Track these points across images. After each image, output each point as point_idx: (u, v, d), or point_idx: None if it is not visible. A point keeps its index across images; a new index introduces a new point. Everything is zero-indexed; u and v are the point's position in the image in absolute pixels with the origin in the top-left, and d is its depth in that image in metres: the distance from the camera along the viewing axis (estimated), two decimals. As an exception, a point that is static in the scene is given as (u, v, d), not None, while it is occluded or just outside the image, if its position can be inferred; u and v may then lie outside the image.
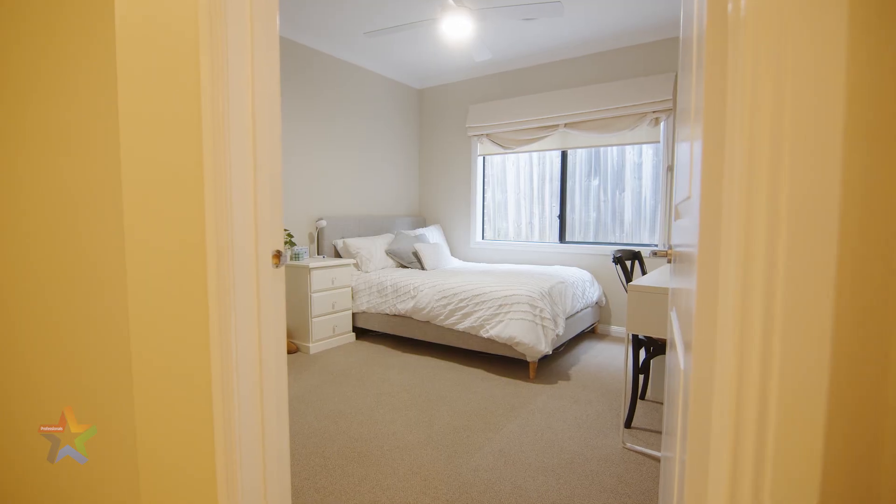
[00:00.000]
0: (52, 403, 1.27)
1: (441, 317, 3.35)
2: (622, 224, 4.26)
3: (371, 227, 4.56)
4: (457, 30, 3.02)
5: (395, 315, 3.66)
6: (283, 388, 1.27)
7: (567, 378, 3.01)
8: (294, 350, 3.54)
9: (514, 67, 4.59)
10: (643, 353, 2.29)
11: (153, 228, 1.09)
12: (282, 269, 1.22)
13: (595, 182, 4.39)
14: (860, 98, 0.41)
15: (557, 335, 3.08)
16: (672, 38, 3.73)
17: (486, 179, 5.03)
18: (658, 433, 2.22)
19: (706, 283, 0.57)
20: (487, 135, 4.75)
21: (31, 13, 1.23)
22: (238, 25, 1.09)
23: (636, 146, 4.13)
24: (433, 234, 4.89)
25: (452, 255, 5.06)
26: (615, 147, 4.22)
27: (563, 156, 4.50)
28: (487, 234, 5.07)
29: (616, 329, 4.14)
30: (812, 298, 0.43)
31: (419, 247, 4.30)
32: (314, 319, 3.52)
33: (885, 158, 0.42)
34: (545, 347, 2.93)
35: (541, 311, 3.00)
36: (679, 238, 1.04)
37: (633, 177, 4.20)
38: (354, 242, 4.13)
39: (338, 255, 4.17)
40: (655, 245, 4.01)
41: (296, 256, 3.66)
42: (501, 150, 4.73)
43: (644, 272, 2.86)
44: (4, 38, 1.30)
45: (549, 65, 4.39)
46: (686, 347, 0.76)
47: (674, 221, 1.39)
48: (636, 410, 2.37)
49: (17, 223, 1.31)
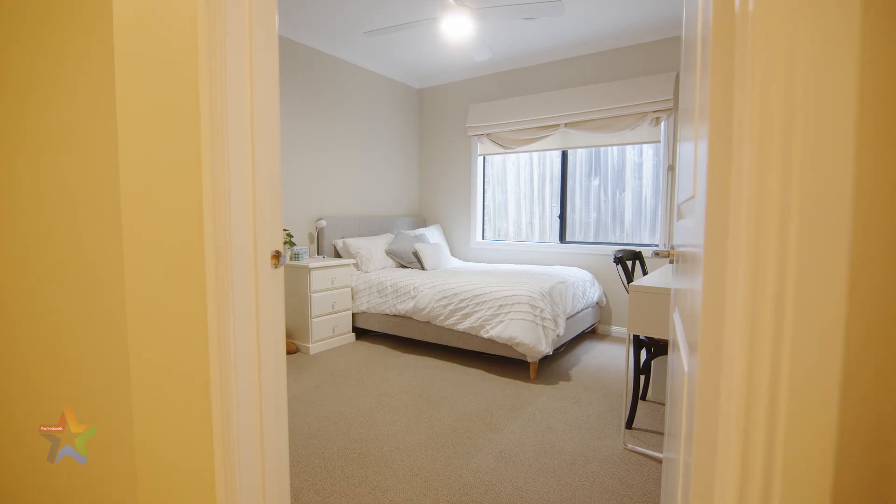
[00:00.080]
0: (52, 403, 1.26)
1: (441, 317, 3.34)
2: (622, 224, 4.25)
3: (371, 227, 4.55)
4: (457, 29, 3.01)
5: (395, 315, 3.65)
6: (282, 389, 1.27)
7: (568, 378, 3.00)
8: (294, 350, 3.53)
9: (515, 67, 4.58)
10: (644, 354, 2.29)
11: (151, 228, 1.08)
12: (281, 270, 1.21)
13: (595, 182, 4.38)
14: (873, 95, 0.41)
15: (558, 335, 3.07)
16: (673, 38, 3.72)
17: (487, 179, 5.02)
18: (659, 434, 2.21)
19: (712, 284, 0.56)
20: (488, 134, 4.74)
21: (31, 13, 1.23)
22: (237, 25, 1.08)
23: (636, 146, 4.12)
24: (433, 234, 4.88)
25: (452, 255, 5.05)
26: (615, 147, 4.22)
27: (564, 156, 4.50)
28: (488, 234, 5.06)
29: (617, 329, 4.13)
30: (824, 299, 0.42)
31: (419, 247, 4.29)
32: (314, 320, 3.51)
33: (898, 156, 0.41)
34: (546, 348, 2.92)
35: (541, 312, 2.99)
36: (682, 238, 1.03)
37: (634, 177, 4.20)
38: (354, 242, 4.12)
39: (338, 256, 4.16)
40: (656, 245, 4.00)
41: (295, 256, 3.65)
42: (502, 150, 4.73)
43: (645, 272, 2.85)
44: (4, 39, 1.29)
45: (550, 64, 4.39)
46: (691, 348, 0.75)
47: (676, 221, 1.38)
48: (637, 411, 2.36)
49: (17, 223, 1.31)
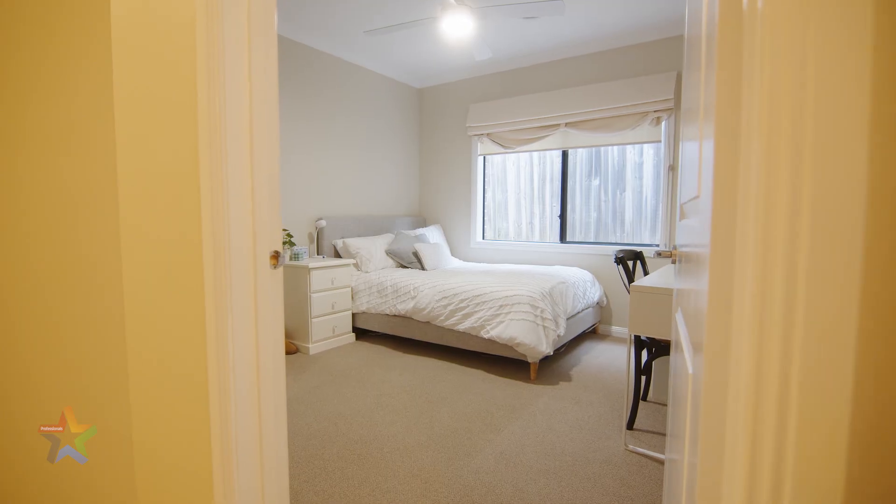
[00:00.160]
0: (52, 403, 1.26)
1: (441, 317, 3.33)
2: (623, 224, 4.24)
3: (371, 227, 4.54)
4: (457, 28, 3.00)
5: (395, 315, 3.64)
6: (281, 390, 1.26)
7: (568, 379, 2.99)
8: (293, 351, 3.52)
9: (515, 66, 4.57)
10: (645, 354, 2.28)
11: (149, 229, 1.07)
12: (280, 270, 1.20)
13: (596, 182, 4.37)
14: (886, 91, 0.40)
15: (558, 336, 3.06)
16: (673, 38, 3.71)
17: (487, 179, 5.01)
18: (661, 435, 2.21)
19: (719, 284, 0.55)
20: (488, 134, 4.73)
21: (31, 14, 1.23)
22: (235, 24, 1.07)
23: (637, 146, 4.11)
24: (433, 234, 4.87)
25: (453, 255, 5.04)
26: (616, 147, 4.21)
27: (564, 155, 4.49)
28: (488, 234, 5.05)
29: (617, 329, 4.13)
30: (835, 299, 0.41)
31: (419, 247, 4.28)
32: (314, 320, 3.50)
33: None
34: (546, 348, 2.91)
35: (542, 312, 2.98)
36: (685, 238, 1.02)
37: (634, 176, 4.19)
38: (354, 242, 4.11)
39: (337, 256, 4.15)
40: (657, 245, 3.99)
41: (295, 256, 3.64)
42: (502, 150, 4.71)
43: (646, 272, 2.84)
44: (4, 39, 1.29)
45: (550, 64, 4.38)
46: (695, 349, 0.74)
47: (678, 221, 1.37)
48: (638, 412, 2.35)
49: (17, 223, 1.31)
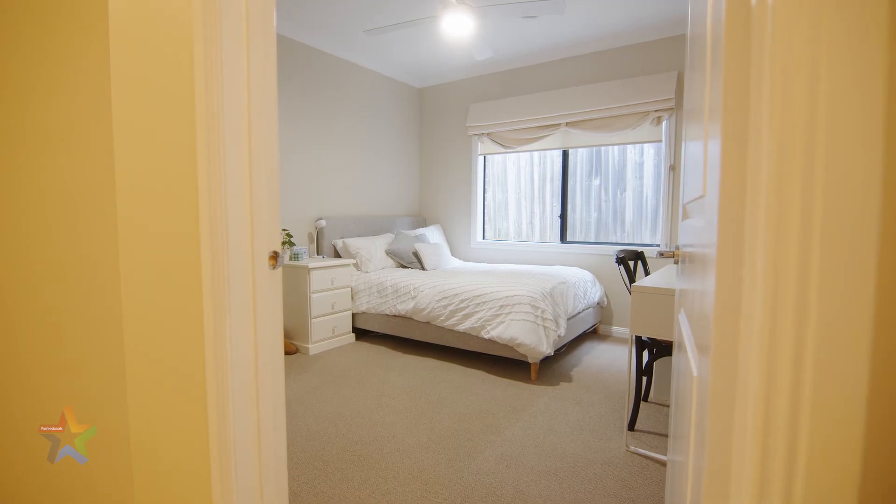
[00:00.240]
0: (52, 403, 1.26)
1: (442, 317, 3.32)
2: (623, 224, 4.23)
3: (371, 227, 4.53)
4: (457, 28, 2.99)
5: (395, 316, 3.63)
6: (280, 391, 1.25)
7: (569, 380, 2.98)
8: (293, 351, 3.51)
9: (515, 66, 4.56)
10: (646, 355, 2.27)
11: (147, 229, 1.06)
12: (279, 271, 1.19)
13: (596, 181, 4.36)
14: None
15: (559, 336, 3.05)
16: (674, 37, 3.70)
17: (487, 179, 5.00)
18: (662, 436, 2.19)
19: (726, 285, 0.54)
20: (488, 134, 4.72)
21: (31, 13, 1.23)
22: (233, 23, 1.06)
23: (637, 145, 4.10)
24: (433, 234, 4.86)
25: (453, 255, 5.03)
26: (616, 146, 4.20)
27: (565, 155, 4.48)
28: (488, 234, 5.04)
29: (618, 330, 4.12)
30: (850, 300, 0.40)
31: (419, 247, 4.27)
32: (313, 320, 3.49)
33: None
34: (547, 348, 2.90)
35: (542, 312, 2.97)
36: (689, 238, 1.01)
37: (635, 176, 4.18)
38: (354, 242, 4.10)
39: (337, 256, 4.14)
40: (657, 245, 3.98)
41: (295, 256, 3.63)
42: (502, 150, 4.70)
43: (647, 273, 2.83)
44: (4, 39, 1.29)
45: (550, 63, 4.37)
46: (700, 350, 0.73)
47: (681, 221, 1.36)
48: (639, 413, 2.34)
49: (17, 223, 1.30)
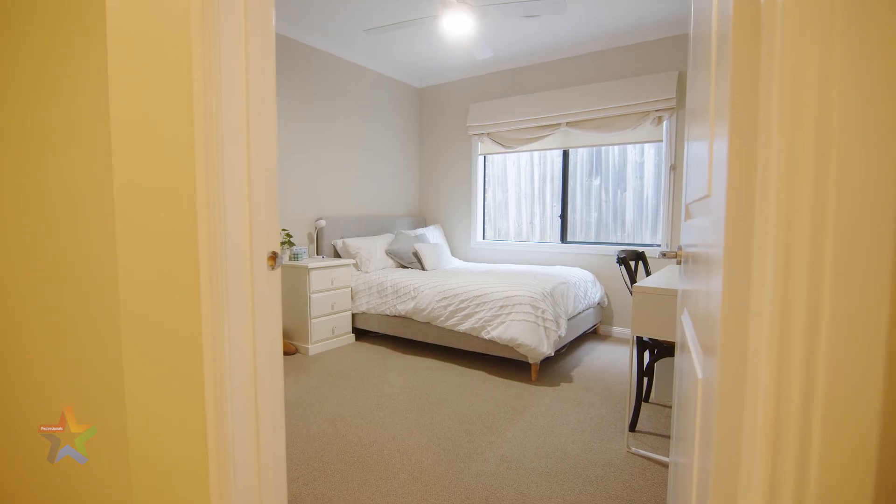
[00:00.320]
0: (52, 403, 1.26)
1: (442, 318, 3.31)
2: (624, 224, 4.22)
3: (371, 227, 4.51)
4: (457, 27, 2.98)
5: (395, 316, 3.62)
6: (279, 392, 1.24)
7: (569, 380, 2.97)
8: (293, 351, 3.50)
9: (516, 66, 4.55)
10: (647, 356, 2.26)
11: (144, 229, 1.05)
12: (278, 271, 1.18)
13: (596, 181, 4.35)
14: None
15: (560, 336, 3.04)
16: (675, 37, 3.69)
17: (487, 179, 4.99)
18: (663, 437, 2.18)
19: (734, 285, 0.53)
20: (488, 134, 4.70)
21: (31, 13, 1.22)
22: (232, 22, 1.05)
23: (638, 145, 4.09)
24: (433, 234, 4.85)
25: (453, 256, 5.02)
26: (617, 146, 4.19)
27: (565, 155, 4.47)
28: (488, 234, 5.03)
29: (618, 330, 4.10)
30: (865, 300, 0.39)
31: (419, 247, 4.26)
32: (313, 320, 3.48)
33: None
34: (547, 349, 2.89)
35: (543, 313, 2.96)
36: (693, 238, 1.00)
37: (635, 176, 4.17)
38: (354, 242, 4.09)
39: (337, 256, 4.13)
40: (658, 245, 3.97)
41: (295, 256, 3.62)
42: (502, 150, 4.69)
43: (648, 273, 2.82)
44: (4, 39, 1.28)
45: (551, 63, 4.35)
46: (706, 351, 0.72)
47: (684, 221, 1.34)
48: (640, 414, 2.33)
49: (17, 223, 1.30)
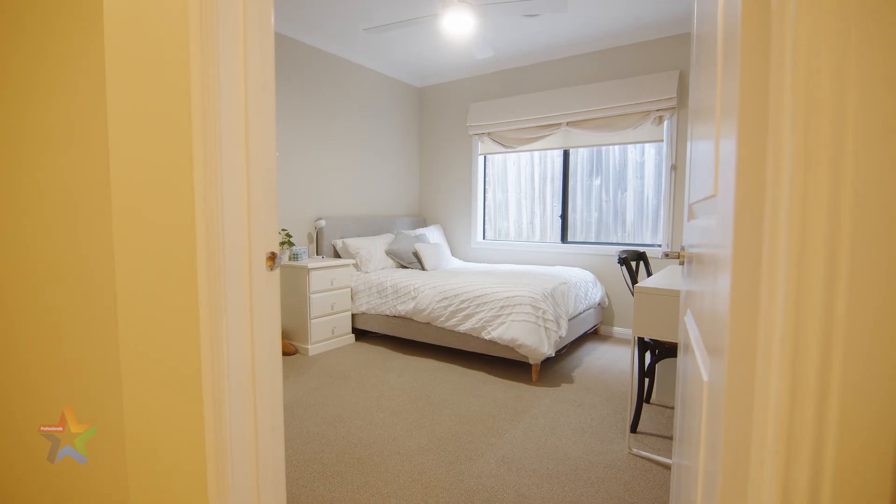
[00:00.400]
0: (52, 403, 1.25)
1: (442, 318, 3.30)
2: (624, 224, 4.21)
3: (371, 227, 4.50)
4: (458, 26, 2.97)
5: (395, 316, 3.61)
6: (278, 393, 1.22)
7: (570, 381, 2.96)
8: (292, 352, 3.49)
9: (516, 65, 4.53)
10: (648, 356, 2.24)
11: (141, 229, 1.04)
12: (276, 272, 1.17)
13: (597, 181, 4.34)
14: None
15: (560, 337, 3.03)
16: (676, 36, 3.68)
17: (487, 179, 4.97)
18: (665, 438, 2.17)
19: (743, 287, 0.52)
20: (488, 133, 4.69)
21: (31, 13, 1.22)
22: (230, 20, 1.04)
23: (638, 145, 4.08)
24: (433, 234, 4.84)
25: (453, 256, 5.01)
26: (617, 146, 4.18)
27: (565, 155, 4.45)
28: (488, 234, 5.01)
29: (619, 330, 4.09)
30: (884, 301, 0.38)
31: (419, 247, 4.24)
32: (313, 321, 3.47)
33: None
34: (548, 349, 2.88)
35: (543, 313, 2.94)
36: (697, 238, 0.99)
37: (636, 176, 4.16)
38: (354, 242, 4.07)
39: (337, 256, 4.12)
40: (658, 245, 3.96)
41: (294, 257, 3.60)
42: (502, 149, 4.68)
43: (649, 273, 2.81)
44: (4, 39, 1.28)
45: (551, 63, 4.34)
46: (712, 353, 0.71)
47: (686, 222, 1.33)
48: (642, 414, 2.32)
49: (17, 223, 1.30)
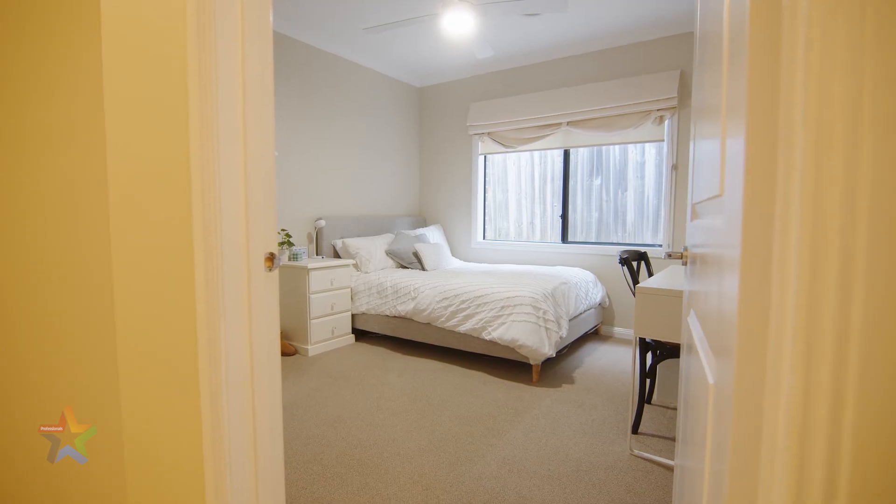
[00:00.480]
0: (52, 403, 1.25)
1: (442, 318, 3.29)
2: (625, 224, 4.20)
3: (371, 227, 4.49)
4: (458, 26, 2.95)
5: (396, 317, 3.59)
6: (277, 394, 1.21)
7: (571, 381, 2.95)
8: (292, 352, 3.48)
9: (516, 65, 4.52)
10: (650, 357, 2.23)
11: (139, 230, 1.04)
12: (275, 273, 1.16)
13: (597, 181, 4.33)
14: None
15: (561, 337, 3.02)
16: (676, 35, 3.67)
17: (487, 179, 4.96)
18: (667, 439, 2.16)
19: (752, 287, 0.51)
20: (489, 133, 4.68)
21: (31, 14, 1.21)
22: (228, 20, 1.02)
23: (639, 145, 4.07)
24: (434, 234, 4.82)
25: (453, 256, 4.99)
26: (618, 146, 4.17)
27: (566, 154, 4.44)
28: (488, 234, 5.00)
29: (619, 331, 4.08)
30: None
31: (419, 247, 4.23)
32: (313, 321, 3.46)
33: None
34: (548, 350, 2.87)
35: (544, 313, 2.93)
36: (701, 238, 0.98)
37: (636, 176, 4.15)
38: (354, 243, 4.06)
39: (337, 256, 4.11)
40: (659, 245, 3.95)
41: (294, 257, 3.59)
42: (503, 149, 4.67)
43: (650, 273, 2.80)
44: (4, 39, 1.27)
45: (552, 62, 4.33)
46: (718, 355, 0.70)
47: (689, 222, 1.32)
48: (643, 415, 2.31)
49: (17, 223, 1.29)
